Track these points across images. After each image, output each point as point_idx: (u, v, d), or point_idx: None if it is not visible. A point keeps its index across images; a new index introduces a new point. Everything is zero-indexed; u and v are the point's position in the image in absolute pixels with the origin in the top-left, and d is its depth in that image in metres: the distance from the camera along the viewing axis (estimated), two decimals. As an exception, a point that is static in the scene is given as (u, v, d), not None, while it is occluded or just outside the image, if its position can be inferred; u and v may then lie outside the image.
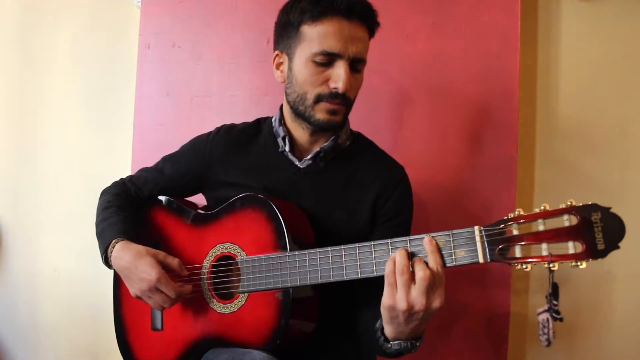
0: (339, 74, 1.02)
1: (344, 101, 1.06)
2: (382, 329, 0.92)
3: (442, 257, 0.84)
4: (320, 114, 1.07)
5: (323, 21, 1.01)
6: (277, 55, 1.13)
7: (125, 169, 1.79)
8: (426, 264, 0.84)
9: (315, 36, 1.02)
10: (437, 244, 0.85)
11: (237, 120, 1.30)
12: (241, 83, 1.72)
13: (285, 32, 1.09)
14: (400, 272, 0.84)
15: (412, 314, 0.84)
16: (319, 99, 1.05)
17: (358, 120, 1.58)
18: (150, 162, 1.32)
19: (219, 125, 1.29)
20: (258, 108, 1.70)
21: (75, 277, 1.94)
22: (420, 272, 0.82)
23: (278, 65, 1.13)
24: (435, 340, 1.57)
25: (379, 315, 0.92)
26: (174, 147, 1.31)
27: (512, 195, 1.52)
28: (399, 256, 0.85)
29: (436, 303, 0.83)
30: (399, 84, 1.62)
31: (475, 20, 1.57)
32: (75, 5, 1.99)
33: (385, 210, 1.13)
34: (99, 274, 1.87)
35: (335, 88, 1.03)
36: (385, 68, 1.61)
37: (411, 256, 0.86)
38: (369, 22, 1.06)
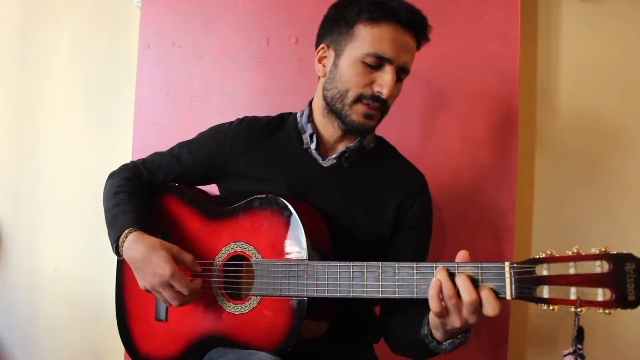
0: (385, 79, 1.03)
1: (382, 107, 1.07)
2: (431, 334, 0.92)
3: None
4: (356, 115, 1.07)
5: (381, 25, 1.02)
6: (322, 48, 1.12)
7: (125, 169, 1.79)
8: (471, 283, 0.82)
9: (370, 37, 1.03)
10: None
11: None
12: (241, 83, 1.72)
13: (337, 27, 1.08)
14: (449, 297, 0.82)
15: (464, 325, 0.85)
16: (359, 98, 1.05)
17: (358, 120, 1.59)
18: (150, 162, 1.31)
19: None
20: (258, 108, 1.70)
21: (75, 277, 1.94)
22: (467, 297, 0.81)
23: (321, 59, 1.12)
24: (435, 340, 1.57)
25: (412, 320, 0.96)
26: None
27: (512, 195, 1.52)
28: (443, 279, 0.83)
29: (492, 312, 0.81)
30: (399, 84, 1.61)
31: (475, 20, 1.57)
32: (75, 6, 1.99)
33: (408, 217, 1.13)
34: (99, 274, 1.88)
35: (379, 92, 1.04)
36: (385, 68, 1.61)
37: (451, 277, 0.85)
38: (422, 36, 1.08)
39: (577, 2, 1.62)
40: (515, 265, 0.81)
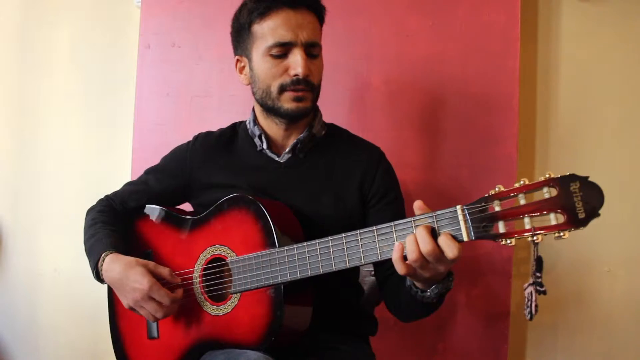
0: (296, 61, 1.07)
1: (307, 86, 1.10)
2: (414, 284, 0.94)
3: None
4: (287, 103, 1.10)
5: (271, 15, 1.07)
6: (237, 60, 1.19)
7: (125, 169, 1.79)
8: (428, 233, 0.83)
9: (267, 31, 1.08)
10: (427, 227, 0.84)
11: (237, 120, 1.30)
12: (241, 83, 1.72)
13: (240, 36, 1.15)
14: (414, 260, 0.83)
15: (438, 274, 0.86)
16: (282, 89, 1.09)
17: (358, 120, 1.59)
18: (151, 162, 1.32)
19: (218, 125, 1.30)
20: (258, 108, 1.70)
21: (75, 277, 1.94)
22: (424, 247, 0.82)
23: (241, 70, 1.19)
24: (436, 340, 1.57)
25: (399, 278, 0.98)
26: (173, 147, 1.31)
27: (512, 195, 1.52)
28: (409, 243, 0.84)
29: (452, 255, 0.81)
30: (399, 84, 1.62)
31: (475, 20, 1.58)
32: (75, 5, 1.99)
33: (373, 191, 1.15)
34: (99, 274, 1.87)
35: (295, 74, 1.07)
36: (385, 68, 1.61)
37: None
38: (314, 7, 1.11)
39: (577, 2, 1.62)
40: (467, 207, 0.81)
